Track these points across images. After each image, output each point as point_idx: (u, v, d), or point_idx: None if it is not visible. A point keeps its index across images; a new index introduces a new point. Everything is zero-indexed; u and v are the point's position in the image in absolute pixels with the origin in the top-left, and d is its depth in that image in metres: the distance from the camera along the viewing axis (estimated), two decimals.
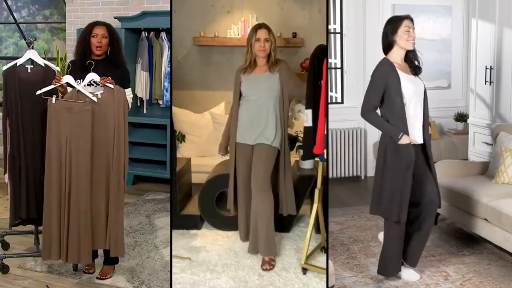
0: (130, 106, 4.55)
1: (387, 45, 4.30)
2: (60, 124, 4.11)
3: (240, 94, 4.62)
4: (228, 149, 4.77)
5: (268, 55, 4.55)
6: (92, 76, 4.21)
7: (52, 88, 4.25)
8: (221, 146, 4.82)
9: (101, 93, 4.17)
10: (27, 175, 4.54)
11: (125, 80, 4.51)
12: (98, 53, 4.42)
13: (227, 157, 4.89)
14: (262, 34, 4.50)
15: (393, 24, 4.25)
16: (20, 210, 4.59)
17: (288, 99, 4.58)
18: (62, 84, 4.24)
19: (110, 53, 4.49)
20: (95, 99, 4.12)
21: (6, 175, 4.59)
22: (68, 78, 4.22)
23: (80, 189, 4.13)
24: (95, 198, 4.21)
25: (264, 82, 4.53)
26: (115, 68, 4.46)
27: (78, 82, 4.29)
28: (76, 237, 4.17)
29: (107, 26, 4.49)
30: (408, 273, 4.43)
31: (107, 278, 4.46)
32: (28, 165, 4.53)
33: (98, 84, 4.23)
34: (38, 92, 4.22)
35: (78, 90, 4.15)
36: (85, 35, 4.43)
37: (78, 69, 4.40)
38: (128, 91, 4.52)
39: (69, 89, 4.33)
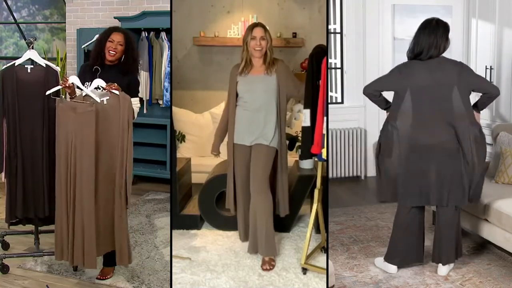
0: (135, 116, 4.53)
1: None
2: (66, 124, 4.09)
3: (237, 95, 4.62)
4: (221, 150, 4.79)
5: (265, 54, 4.53)
6: (98, 82, 4.18)
7: (59, 89, 4.28)
8: (214, 146, 4.82)
9: (107, 99, 4.13)
10: (23, 175, 4.55)
11: (132, 88, 4.47)
12: (110, 58, 4.42)
13: (220, 158, 4.89)
14: (258, 32, 4.48)
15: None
16: (16, 210, 4.59)
17: (285, 100, 4.57)
18: (68, 85, 4.22)
19: (123, 60, 4.48)
20: (98, 99, 4.09)
21: (3, 174, 4.59)
22: (73, 79, 4.22)
23: (83, 190, 4.09)
24: (100, 201, 4.17)
25: (261, 83, 4.52)
26: (124, 75, 4.45)
27: (86, 85, 4.29)
28: (80, 239, 4.13)
29: (126, 34, 4.48)
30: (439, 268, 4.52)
31: (107, 278, 4.47)
32: (25, 165, 4.54)
33: (104, 90, 4.20)
34: (48, 92, 4.25)
35: (86, 93, 4.14)
36: (102, 38, 4.44)
37: (89, 72, 4.42)
38: (135, 100, 4.48)
39: (78, 91, 4.34)
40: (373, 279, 4.45)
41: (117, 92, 4.15)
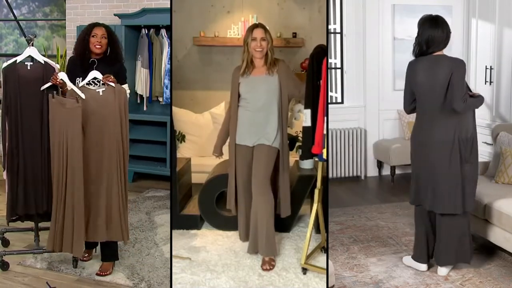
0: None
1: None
2: (58, 119, 4.21)
3: (239, 95, 4.62)
4: (223, 151, 4.80)
5: (265, 55, 4.52)
6: (95, 74, 4.31)
7: (52, 85, 4.39)
8: (216, 147, 4.82)
9: (102, 91, 4.27)
10: (25, 172, 4.56)
11: (120, 76, 4.58)
12: (97, 51, 4.52)
13: (222, 159, 4.89)
14: (258, 33, 4.48)
15: None
16: (17, 207, 4.61)
17: (287, 100, 4.57)
18: (58, 81, 4.35)
19: (109, 53, 4.59)
20: (83, 96, 4.21)
21: (5, 171, 4.60)
22: (62, 75, 4.32)
23: (74, 182, 4.20)
24: (95, 190, 4.30)
25: (263, 84, 4.51)
26: (112, 66, 4.54)
27: (78, 80, 4.43)
28: (70, 229, 4.24)
29: (106, 28, 4.60)
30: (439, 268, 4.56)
31: (107, 275, 4.49)
32: (26, 162, 4.55)
33: (100, 82, 4.32)
34: (42, 87, 4.38)
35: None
36: (85, 35, 4.54)
37: (78, 68, 4.52)
38: (124, 87, 4.58)
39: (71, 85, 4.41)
40: (373, 279, 4.46)
41: (113, 84, 4.30)
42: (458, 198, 4.34)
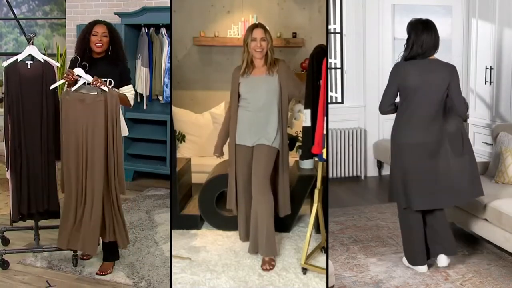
0: (131, 103, 4.64)
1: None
2: (75, 116, 4.21)
3: (239, 96, 4.62)
4: (223, 151, 4.79)
5: (265, 55, 4.52)
6: (86, 78, 4.27)
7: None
8: (216, 147, 4.82)
9: (94, 93, 4.24)
10: (28, 170, 4.57)
11: (124, 77, 4.56)
12: (98, 50, 4.46)
13: (223, 159, 4.89)
14: (258, 33, 4.47)
15: None
16: (22, 206, 4.61)
17: (287, 100, 4.57)
18: (74, 77, 4.30)
19: (111, 52, 4.53)
20: (106, 89, 4.20)
21: (8, 171, 4.60)
22: (78, 71, 4.28)
23: (94, 180, 4.24)
24: (106, 188, 4.32)
25: (263, 84, 4.51)
26: (115, 66, 4.51)
27: (78, 79, 4.37)
28: (87, 226, 4.26)
29: (108, 25, 4.53)
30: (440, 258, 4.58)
31: (107, 274, 4.49)
32: (29, 161, 4.56)
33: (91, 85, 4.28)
34: (52, 86, 4.40)
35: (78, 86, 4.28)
36: (85, 33, 4.48)
37: (79, 66, 4.47)
38: (129, 88, 4.58)
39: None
40: (373, 279, 4.46)
41: (105, 88, 4.25)
42: (464, 189, 4.40)
